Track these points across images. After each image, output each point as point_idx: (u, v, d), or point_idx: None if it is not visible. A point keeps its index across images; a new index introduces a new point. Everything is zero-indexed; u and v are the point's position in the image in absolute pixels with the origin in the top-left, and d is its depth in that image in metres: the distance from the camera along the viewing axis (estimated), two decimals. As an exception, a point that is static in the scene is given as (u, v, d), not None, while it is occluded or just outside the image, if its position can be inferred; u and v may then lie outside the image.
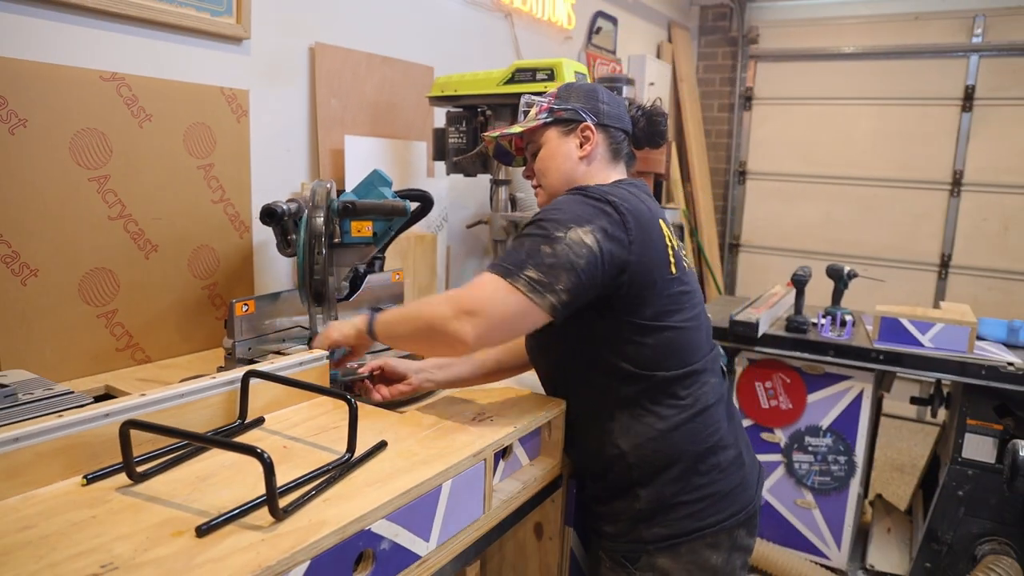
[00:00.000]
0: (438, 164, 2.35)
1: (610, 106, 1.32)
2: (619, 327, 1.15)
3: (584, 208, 1.13)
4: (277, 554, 0.72)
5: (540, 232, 1.10)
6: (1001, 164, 4.27)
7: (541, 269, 1.07)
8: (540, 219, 1.13)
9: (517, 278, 1.07)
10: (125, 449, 0.86)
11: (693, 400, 1.19)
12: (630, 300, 1.14)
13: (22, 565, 0.69)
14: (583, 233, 1.09)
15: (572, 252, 1.07)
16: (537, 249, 1.09)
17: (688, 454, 1.17)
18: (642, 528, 1.18)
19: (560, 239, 1.08)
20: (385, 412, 1.19)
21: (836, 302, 2.58)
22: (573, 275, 1.07)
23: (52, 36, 1.47)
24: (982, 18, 4.24)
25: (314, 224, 1.41)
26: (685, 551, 1.17)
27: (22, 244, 1.37)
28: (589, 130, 1.28)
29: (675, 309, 1.18)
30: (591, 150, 1.29)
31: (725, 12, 4.90)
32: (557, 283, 1.07)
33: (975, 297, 4.40)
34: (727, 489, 1.20)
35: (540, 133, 1.31)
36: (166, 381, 1.46)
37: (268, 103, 1.98)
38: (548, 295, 1.07)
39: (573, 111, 1.29)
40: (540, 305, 1.07)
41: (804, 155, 4.80)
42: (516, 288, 1.07)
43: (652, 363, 1.16)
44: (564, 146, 1.29)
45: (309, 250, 1.41)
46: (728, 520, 1.19)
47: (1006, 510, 2.18)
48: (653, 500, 1.17)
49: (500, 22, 3.03)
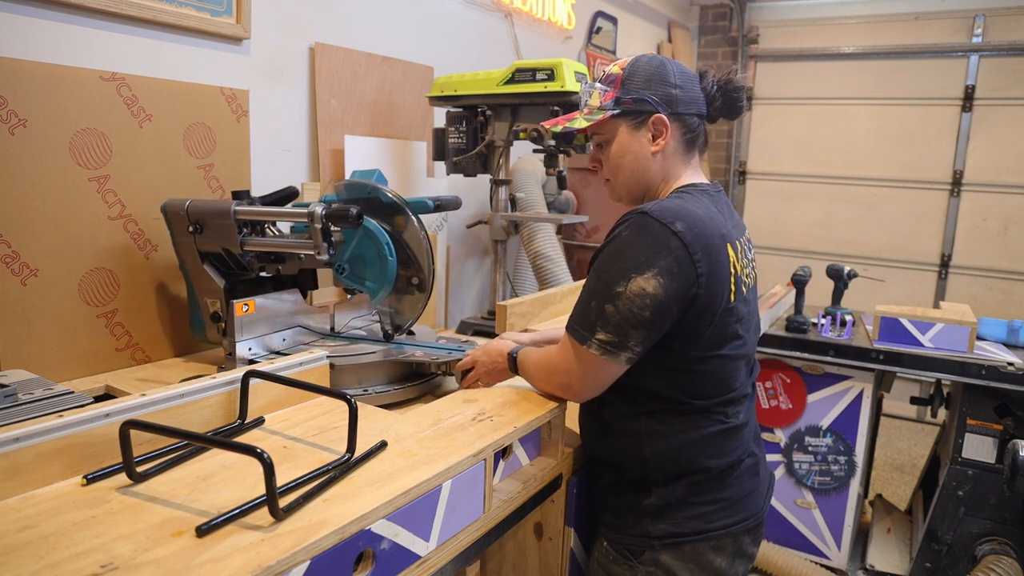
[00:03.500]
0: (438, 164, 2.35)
1: (683, 89, 1.19)
2: (668, 355, 1.12)
3: (646, 247, 1.07)
4: (277, 554, 0.72)
5: (602, 288, 1.09)
6: (1001, 164, 4.27)
7: (609, 330, 1.08)
8: (602, 267, 1.10)
9: (590, 343, 1.10)
10: (125, 449, 0.86)
11: (724, 418, 1.17)
12: (685, 331, 1.10)
13: (22, 565, 0.69)
14: (644, 281, 1.05)
15: (635, 307, 1.06)
16: (602, 309, 1.08)
17: (709, 467, 1.16)
18: (649, 523, 1.17)
19: (620, 295, 1.06)
20: (385, 412, 1.19)
21: (836, 302, 2.58)
22: (642, 329, 1.07)
23: (52, 36, 1.47)
24: (982, 18, 4.24)
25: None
26: (689, 551, 1.16)
27: (22, 244, 1.37)
28: (662, 123, 1.18)
29: (725, 339, 1.14)
30: (665, 144, 1.19)
31: (725, 12, 4.90)
32: (628, 340, 1.08)
33: (975, 297, 4.40)
34: (739, 496, 1.19)
35: (607, 126, 1.22)
36: (166, 381, 1.46)
37: (268, 103, 1.98)
38: (622, 353, 1.09)
39: (643, 100, 1.18)
40: (615, 362, 1.10)
41: (804, 155, 4.80)
42: (590, 352, 1.10)
43: (692, 392, 1.14)
44: (635, 142, 1.20)
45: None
46: (735, 526, 1.18)
47: (1006, 510, 2.18)
48: (665, 498, 1.16)
49: (500, 22, 3.03)
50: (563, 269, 2.69)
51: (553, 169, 2.04)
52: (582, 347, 1.11)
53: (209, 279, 1.50)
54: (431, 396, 1.48)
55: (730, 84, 1.22)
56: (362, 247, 1.46)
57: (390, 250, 1.43)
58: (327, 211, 1.32)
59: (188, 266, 1.53)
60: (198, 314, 1.55)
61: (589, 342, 1.10)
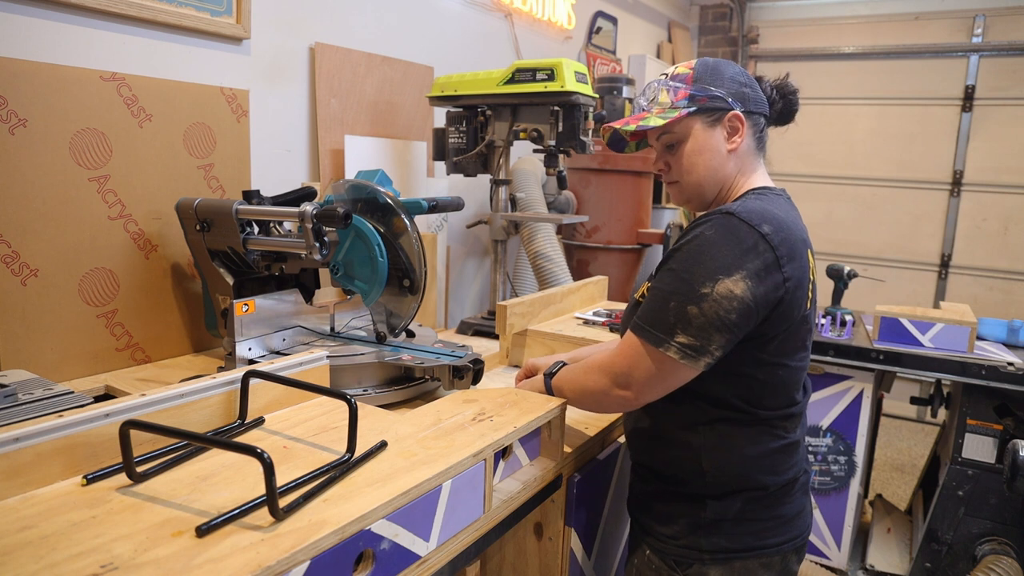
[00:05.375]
0: (438, 164, 2.35)
1: (752, 89, 1.18)
2: (738, 356, 1.08)
3: (732, 248, 1.02)
4: (277, 554, 0.71)
5: (684, 288, 1.03)
6: (1001, 164, 4.27)
7: (690, 333, 1.02)
8: (683, 267, 1.04)
9: (668, 346, 1.03)
10: (125, 449, 0.86)
11: (784, 433, 1.15)
12: (761, 333, 1.07)
13: (22, 565, 0.69)
14: (731, 284, 1.00)
15: (722, 308, 1.00)
16: (684, 311, 1.02)
17: (768, 484, 1.14)
18: (701, 536, 1.14)
19: (706, 296, 1.01)
20: (385, 412, 1.19)
21: (836, 302, 2.58)
22: (726, 332, 1.02)
23: (52, 36, 1.48)
24: (982, 18, 4.25)
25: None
26: (739, 567, 1.14)
27: (22, 244, 1.37)
28: (738, 119, 1.15)
29: (794, 349, 1.11)
30: (740, 142, 1.16)
31: (725, 12, 4.90)
32: (710, 344, 1.02)
33: (975, 297, 4.41)
34: (793, 514, 1.17)
35: (680, 125, 1.16)
36: (166, 381, 1.46)
37: (268, 103, 1.98)
38: (702, 357, 1.03)
39: (718, 97, 1.15)
40: (694, 367, 1.04)
41: (804, 155, 4.80)
42: (668, 356, 1.04)
43: (754, 400, 1.11)
44: (711, 140, 1.15)
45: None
46: (786, 544, 1.16)
47: (1006, 510, 2.18)
48: (720, 513, 1.13)
49: (500, 22, 3.03)
50: (563, 269, 2.69)
51: (553, 169, 2.03)
52: (657, 350, 1.04)
53: (219, 277, 1.52)
54: (432, 397, 1.48)
55: (787, 88, 1.22)
56: (354, 247, 1.46)
57: (381, 251, 1.43)
58: (317, 211, 1.34)
59: (200, 264, 1.56)
60: (212, 311, 1.58)
61: (667, 345, 1.03)
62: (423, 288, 1.48)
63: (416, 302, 1.49)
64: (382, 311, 1.54)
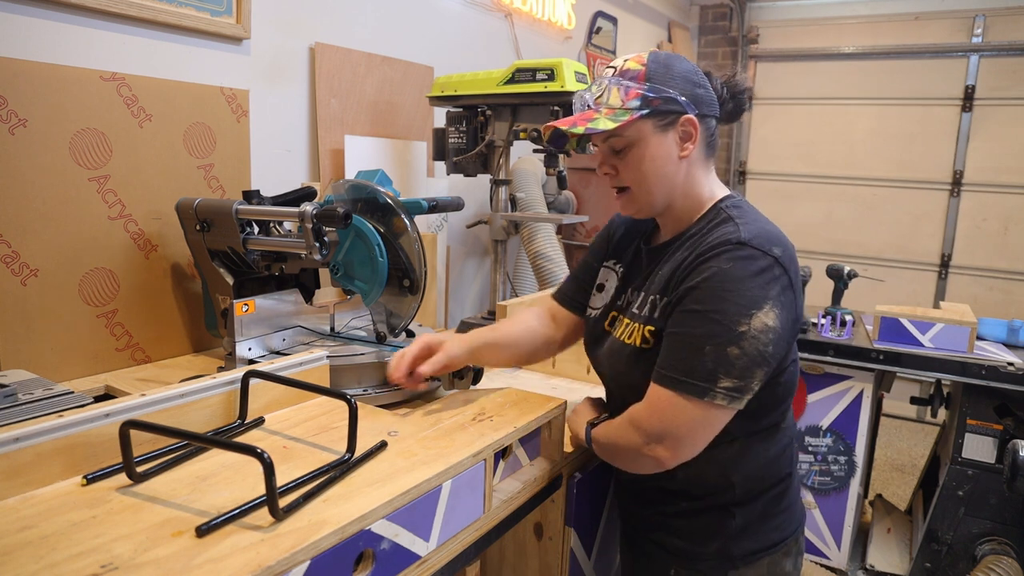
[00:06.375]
0: (438, 164, 2.35)
1: (704, 89, 1.09)
2: None
3: (755, 278, 0.98)
4: (277, 554, 0.71)
5: (719, 330, 0.97)
6: (1001, 164, 4.27)
7: (734, 375, 0.97)
8: (710, 307, 0.98)
9: (714, 394, 0.98)
10: (125, 449, 0.86)
11: (788, 424, 1.18)
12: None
13: (22, 565, 0.69)
14: (764, 316, 0.97)
15: (760, 344, 0.97)
16: (723, 353, 0.97)
17: (783, 477, 1.17)
18: (732, 544, 1.14)
19: (744, 334, 0.96)
20: (385, 412, 1.19)
21: (836, 302, 2.58)
22: (765, 366, 0.99)
23: (52, 36, 1.47)
24: (982, 18, 4.25)
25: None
26: (767, 562, 1.15)
27: (22, 244, 1.37)
28: (691, 124, 1.07)
29: (792, 347, 1.12)
30: (692, 149, 1.08)
31: (725, 12, 4.90)
32: (752, 381, 0.99)
33: (975, 297, 4.41)
34: (796, 498, 1.23)
35: (632, 128, 1.06)
36: (166, 381, 1.46)
37: (268, 103, 1.98)
38: (745, 396, 1.00)
39: (672, 100, 1.06)
40: (738, 407, 1.01)
41: (804, 155, 4.80)
42: (714, 404, 0.98)
43: (772, 405, 1.11)
44: (663, 145, 1.07)
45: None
46: (798, 528, 1.21)
47: (1006, 510, 2.18)
48: (747, 517, 1.14)
49: (500, 22, 3.03)
50: (563, 269, 2.69)
51: (553, 169, 2.04)
52: (702, 401, 0.98)
53: (219, 277, 1.52)
54: (432, 397, 1.48)
55: (737, 85, 1.14)
56: (354, 247, 1.46)
57: (381, 251, 1.43)
58: (317, 211, 1.34)
59: (201, 264, 1.56)
60: (212, 311, 1.58)
61: (712, 393, 0.97)
62: (423, 288, 1.48)
63: (416, 302, 1.49)
64: (382, 311, 1.54)
